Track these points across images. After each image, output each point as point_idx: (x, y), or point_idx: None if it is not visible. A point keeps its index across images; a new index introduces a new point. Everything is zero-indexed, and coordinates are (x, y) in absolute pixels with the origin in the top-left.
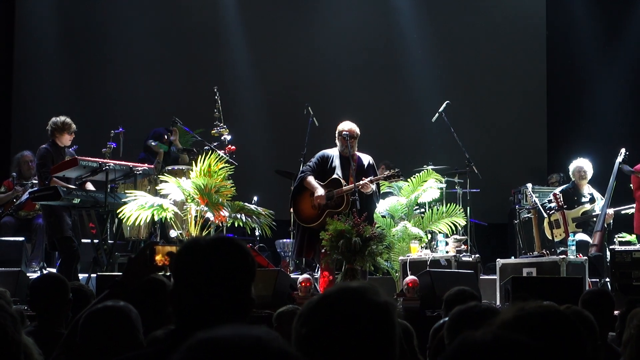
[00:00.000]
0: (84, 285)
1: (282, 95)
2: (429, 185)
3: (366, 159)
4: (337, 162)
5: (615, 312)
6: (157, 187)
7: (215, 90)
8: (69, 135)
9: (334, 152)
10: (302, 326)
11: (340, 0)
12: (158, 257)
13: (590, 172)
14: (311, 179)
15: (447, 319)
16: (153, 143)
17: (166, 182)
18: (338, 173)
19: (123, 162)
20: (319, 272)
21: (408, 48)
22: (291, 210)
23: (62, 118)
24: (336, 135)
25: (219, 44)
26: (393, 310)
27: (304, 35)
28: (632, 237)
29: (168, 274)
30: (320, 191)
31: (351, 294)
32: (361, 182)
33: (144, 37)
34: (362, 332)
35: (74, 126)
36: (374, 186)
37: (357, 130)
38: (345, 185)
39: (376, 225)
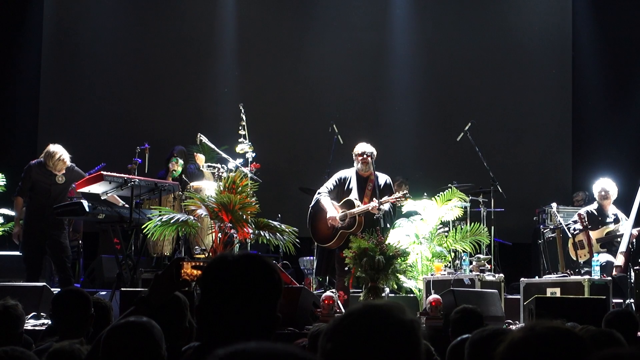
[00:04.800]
0: (101, 299)
1: (307, 112)
2: (453, 204)
3: (383, 178)
4: (354, 183)
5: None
6: (181, 204)
7: (241, 107)
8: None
9: (351, 173)
10: (328, 341)
11: (367, 19)
12: (185, 272)
13: (613, 192)
14: (326, 200)
15: (465, 336)
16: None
17: (191, 198)
18: (355, 193)
19: (148, 178)
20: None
21: (434, 68)
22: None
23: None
24: (353, 156)
25: (244, 62)
26: (418, 329)
27: (329, 53)
28: None
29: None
30: (332, 212)
31: (376, 311)
32: (369, 205)
33: (171, 54)
34: (386, 350)
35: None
36: (385, 206)
37: (370, 150)
38: (358, 207)
39: (399, 244)
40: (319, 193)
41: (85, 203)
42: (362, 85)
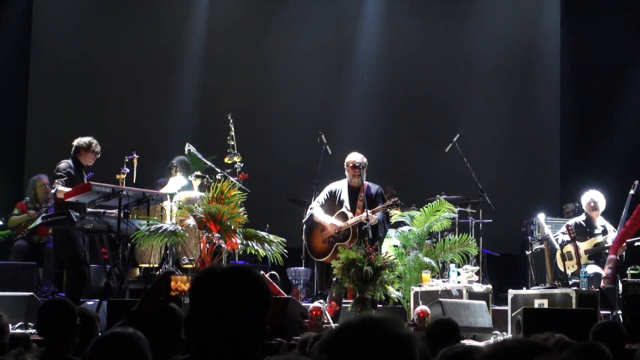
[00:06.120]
0: (87, 309)
1: (295, 123)
2: (441, 215)
3: (374, 188)
4: (345, 195)
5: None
6: (169, 214)
7: (229, 117)
8: (93, 155)
9: (341, 185)
10: (323, 352)
11: (353, 32)
12: (174, 286)
13: (602, 204)
14: (319, 213)
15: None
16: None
17: (179, 208)
18: (346, 205)
19: (136, 188)
20: (328, 301)
21: (422, 78)
22: (304, 245)
23: (87, 138)
24: (344, 165)
25: (232, 72)
26: (414, 343)
27: (317, 64)
28: None
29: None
30: (330, 219)
31: (373, 324)
32: (362, 216)
33: (158, 64)
34: None
35: (99, 147)
36: (378, 215)
37: (363, 160)
38: (351, 218)
39: (387, 255)
40: (311, 208)
41: (72, 212)
42: (351, 95)
